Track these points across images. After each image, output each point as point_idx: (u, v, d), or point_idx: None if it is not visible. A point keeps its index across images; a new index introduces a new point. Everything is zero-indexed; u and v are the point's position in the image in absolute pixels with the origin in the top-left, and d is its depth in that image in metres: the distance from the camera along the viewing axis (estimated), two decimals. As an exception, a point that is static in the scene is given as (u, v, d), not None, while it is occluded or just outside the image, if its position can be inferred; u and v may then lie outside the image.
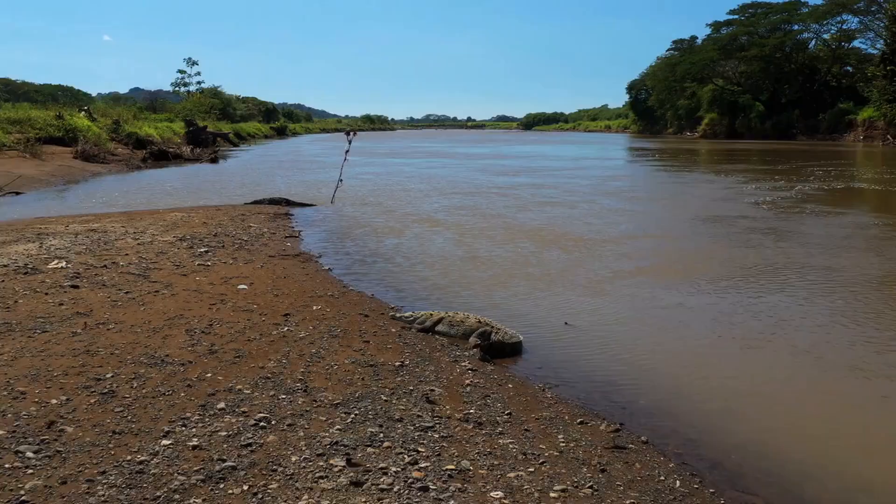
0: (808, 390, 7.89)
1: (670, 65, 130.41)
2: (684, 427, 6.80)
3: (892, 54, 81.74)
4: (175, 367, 7.33)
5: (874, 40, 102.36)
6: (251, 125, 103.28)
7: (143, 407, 6.29)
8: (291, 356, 7.89)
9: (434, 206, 23.93)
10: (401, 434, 6.02)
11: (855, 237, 17.94)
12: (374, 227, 19.25)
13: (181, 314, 9.32)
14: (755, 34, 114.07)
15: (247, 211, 20.91)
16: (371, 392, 6.95)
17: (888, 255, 15.14)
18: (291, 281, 11.96)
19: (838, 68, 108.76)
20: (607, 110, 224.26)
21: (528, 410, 6.89)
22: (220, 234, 15.97)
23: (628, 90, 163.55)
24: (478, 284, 12.67)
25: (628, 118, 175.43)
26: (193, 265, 12.55)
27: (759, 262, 14.42)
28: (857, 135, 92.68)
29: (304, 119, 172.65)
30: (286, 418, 6.20)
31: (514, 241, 17.07)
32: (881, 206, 26.24)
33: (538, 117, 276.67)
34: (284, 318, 9.50)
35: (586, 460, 5.80)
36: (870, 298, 11.76)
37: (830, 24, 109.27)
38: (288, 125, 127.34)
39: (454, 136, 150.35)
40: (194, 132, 60.75)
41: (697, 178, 38.08)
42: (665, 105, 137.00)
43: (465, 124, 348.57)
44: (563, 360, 8.75)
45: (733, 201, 26.19)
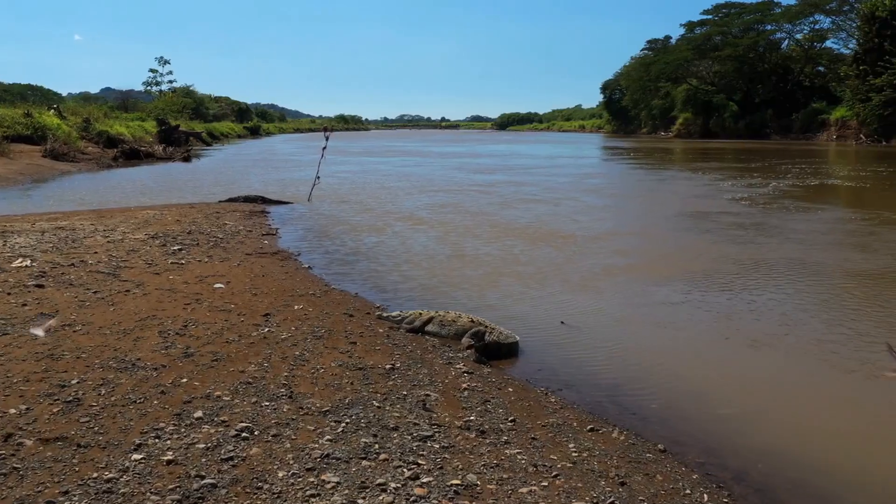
0: (826, 391, 7.43)
1: (644, 64, 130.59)
2: (701, 433, 6.31)
3: (865, 54, 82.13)
4: (147, 371, 6.73)
5: (846, 40, 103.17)
6: (224, 125, 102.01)
7: (111, 416, 5.70)
8: (273, 359, 7.32)
9: (415, 204, 23.38)
10: (398, 445, 5.47)
11: (836, 232, 17.83)
12: (354, 225, 18.67)
13: (154, 314, 8.71)
14: (729, 34, 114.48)
15: (221, 209, 20.25)
16: (362, 398, 6.40)
17: (880, 251, 14.77)
18: (270, 279, 11.37)
19: (811, 68, 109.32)
20: (581, 110, 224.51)
21: (532, 417, 6.36)
22: (195, 232, 15.33)
23: (602, 90, 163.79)
24: (466, 283, 12.14)
25: (602, 118, 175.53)
26: (166, 263, 11.92)
27: (750, 258, 14.01)
28: (830, 134, 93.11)
29: (278, 119, 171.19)
30: (270, 428, 5.63)
31: (501, 238, 16.56)
32: (856, 201, 26.22)
33: (512, 117, 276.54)
34: (265, 318, 8.92)
35: (603, 472, 5.28)
36: (875, 295, 11.37)
37: (803, 24, 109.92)
38: (261, 125, 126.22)
39: (428, 135, 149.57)
40: (166, 131, 59.67)
41: (675, 176, 37.86)
42: (639, 105, 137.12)
43: (439, 124, 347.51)
44: (562, 361, 8.25)
45: (713, 198, 26.06)
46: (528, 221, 19.51)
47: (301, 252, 14.41)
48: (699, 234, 17.52)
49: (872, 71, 79.06)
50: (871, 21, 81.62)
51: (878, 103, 78.05)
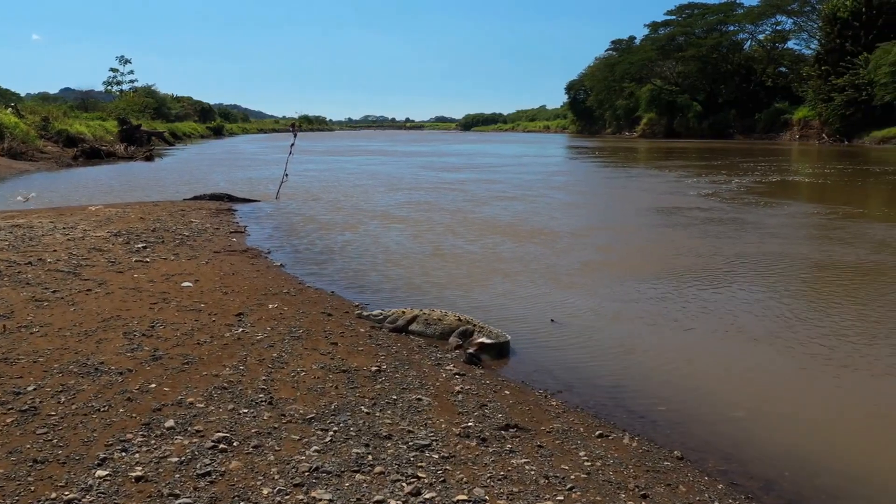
0: (839, 390, 7.01)
1: (609, 65, 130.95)
2: (716, 438, 5.85)
3: (827, 54, 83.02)
4: (111, 376, 6.14)
5: (808, 41, 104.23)
6: (187, 125, 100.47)
7: (72, 427, 5.12)
8: (249, 362, 6.76)
9: (387, 202, 22.82)
10: (393, 455, 4.95)
11: (807, 226, 18.02)
12: (326, 223, 18.07)
13: (118, 315, 8.10)
14: (692, 35, 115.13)
15: (187, 207, 19.55)
16: (348, 403, 5.86)
17: (855, 244, 14.48)
18: (241, 278, 10.78)
19: (773, 69, 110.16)
20: (545, 111, 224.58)
21: (535, 422, 5.86)
22: (159, 230, 14.67)
23: (567, 90, 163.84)
24: (448, 281, 11.64)
25: (567, 118, 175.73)
26: (130, 261, 11.29)
27: (733, 253, 13.66)
28: (793, 134, 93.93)
29: (241, 119, 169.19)
30: (251, 438, 5.08)
31: (480, 235, 16.07)
32: (821, 197, 26.42)
33: (477, 118, 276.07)
34: (237, 318, 8.35)
35: (621, 483, 4.80)
36: (870, 288, 11.05)
37: (765, 25, 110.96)
38: (224, 125, 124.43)
39: (393, 136, 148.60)
40: (128, 131, 58.40)
41: (642, 174, 37.73)
42: (604, 105, 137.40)
43: (403, 125, 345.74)
44: (557, 361, 7.76)
45: (681, 194, 26.06)
46: (504, 218, 19.07)
47: (271, 250, 13.80)
48: (676, 230, 17.22)
49: (834, 71, 79.94)
50: (833, 22, 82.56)
51: (839, 103, 78.91)
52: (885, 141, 72.36)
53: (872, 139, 74.64)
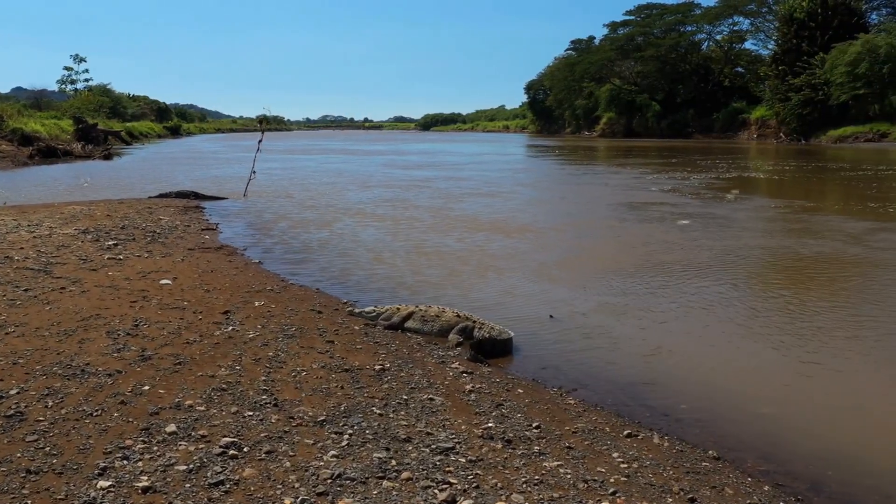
0: (862, 383, 6.77)
1: (569, 64, 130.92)
2: (748, 436, 5.57)
3: (784, 55, 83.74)
4: (100, 378, 5.71)
5: (765, 41, 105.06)
6: (143, 124, 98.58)
7: (64, 433, 4.70)
8: (245, 361, 6.36)
9: (358, 199, 22.40)
10: (417, 459, 4.60)
11: (778, 220, 18.09)
12: (299, 220, 17.61)
13: (97, 313, 7.65)
14: (651, 35, 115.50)
15: (153, 204, 18.98)
16: (358, 404, 5.50)
17: (828, 237, 14.38)
18: (220, 275, 10.35)
19: (730, 69, 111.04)
20: (505, 111, 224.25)
21: (557, 422, 5.54)
22: (129, 227, 14.13)
23: (526, 90, 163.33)
24: (436, 277, 11.32)
25: (526, 118, 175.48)
26: (103, 259, 10.79)
27: (715, 246, 13.46)
28: (750, 133, 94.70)
29: (198, 119, 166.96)
30: (261, 443, 4.70)
31: (459, 231, 15.75)
32: (784, 192, 26.61)
33: (436, 118, 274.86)
34: (224, 315, 7.94)
35: (665, 486, 4.49)
36: (860, 280, 10.92)
37: (723, 25, 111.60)
38: (182, 125, 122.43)
39: (352, 136, 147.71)
40: (84, 130, 57.07)
41: (605, 171, 37.74)
42: (563, 105, 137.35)
43: (362, 125, 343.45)
44: (563, 358, 7.46)
45: (645, 189, 26.16)
46: (483, 214, 18.77)
47: (247, 247, 13.35)
48: (653, 224, 17.09)
49: (791, 71, 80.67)
50: (790, 22, 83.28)
51: (796, 102, 79.65)
52: (841, 140, 73.20)
53: (829, 138, 75.42)
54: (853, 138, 71.42)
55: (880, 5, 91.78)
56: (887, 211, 19.52)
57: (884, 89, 70.37)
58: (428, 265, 12.13)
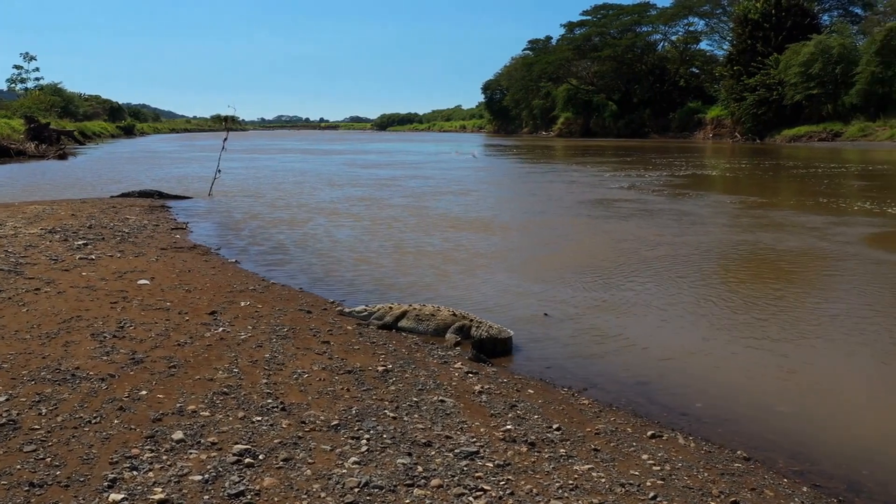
0: (882, 380, 6.67)
1: (526, 64, 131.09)
2: (773, 435, 5.41)
3: (739, 55, 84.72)
4: (93, 383, 5.39)
5: (720, 42, 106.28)
6: (96, 124, 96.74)
7: (64, 443, 4.39)
8: (242, 364, 6.07)
9: (327, 198, 22.04)
10: (443, 465, 4.36)
11: (742, 215, 17.97)
12: (271, 219, 17.25)
13: (78, 315, 7.29)
14: (607, 35, 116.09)
15: (117, 203, 18.47)
16: (369, 407, 5.25)
17: (798, 233, 14.42)
18: (198, 275, 10.01)
19: (685, 69, 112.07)
20: (461, 111, 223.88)
21: (576, 423, 5.34)
22: (96, 227, 13.69)
23: (483, 90, 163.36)
24: (422, 275, 11.11)
25: (483, 118, 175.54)
26: (74, 259, 10.39)
27: (694, 243, 13.42)
28: (706, 133, 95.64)
29: (152, 119, 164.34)
30: (276, 450, 4.43)
31: (435, 229, 15.55)
32: (746, 190, 26.91)
33: (392, 118, 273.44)
34: (211, 316, 7.63)
35: (704, 490, 4.31)
36: (849, 275, 10.89)
37: (678, 26, 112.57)
38: (136, 124, 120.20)
39: (309, 136, 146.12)
40: (36, 129, 55.73)
41: (566, 170, 37.75)
42: (520, 105, 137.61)
43: (318, 125, 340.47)
44: (567, 356, 7.27)
45: (609, 187, 26.33)
46: (455, 212, 18.60)
47: (220, 247, 13.02)
48: (623, 220, 17.08)
49: (746, 71, 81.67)
50: (745, 23, 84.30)
51: (751, 102, 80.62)
52: (795, 139, 74.25)
53: (783, 137, 76.44)
54: (807, 137, 72.47)
55: (832, 7, 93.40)
56: (839, 206, 19.99)
57: (836, 89, 71.60)
58: (414, 265, 11.89)
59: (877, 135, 64.22)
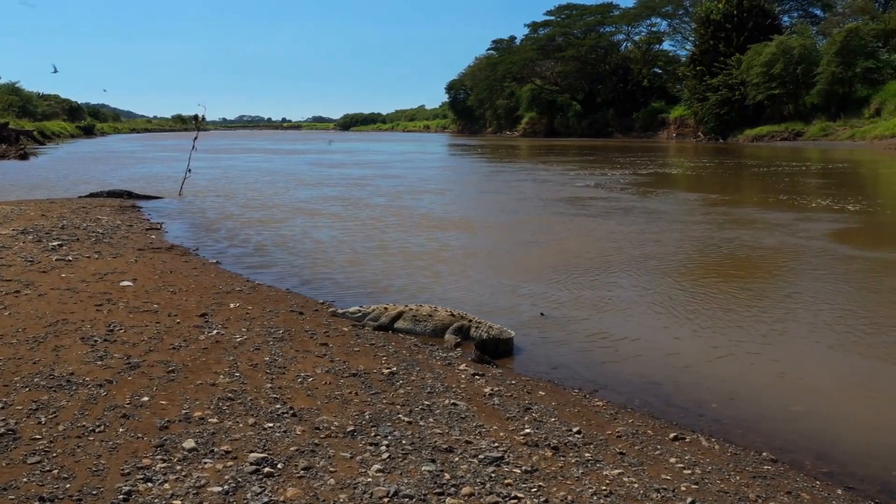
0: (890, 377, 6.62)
1: (490, 64, 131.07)
2: (793, 435, 5.32)
3: (701, 55, 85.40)
4: (90, 389, 5.15)
5: (682, 42, 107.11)
6: (56, 123, 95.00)
7: (70, 453, 4.15)
8: (242, 367, 5.86)
9: (301, 198, 21.77)
10: (469, 471, 4.19)
11: (715, 213, 17.80)
12: (247, 219, 16.95)
13: (64, 318, 7.02)
14: (571, 35, 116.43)
15: (87, 204, 18.05)
16: (382, 412, 5.07)
17: (777, 231, 14.46)
18: (181, 276, 9.76)
19: (648, 69, 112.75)
20: (425, 111, 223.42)
21: (595, 426, 5.20)
22: (69, 227, 13.33)
23: (447, 90, 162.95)
24: (412, 275, 10.96)
25: (447, 118, 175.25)
26: (51, 260, 10.06)
27: (671, 240, 13.40)
28: (669, 132, 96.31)
29: (112, 119, 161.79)
30: (294, 458, 4.23)
31: (417, 228, 15.39)
32: (707, 187, 27.14)
33: (355, 118, 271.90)
34: (202, 319, 7.40)
35: (740, 494, 4.18)
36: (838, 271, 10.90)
37: (641, 26, 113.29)
38: (96, 124, 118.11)
39: (272, 136, 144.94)
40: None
41: (534, 168, 37.78)
42: (484, 104, 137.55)
43: (280, 125, 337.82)
44: (571, 357, 7.15)
45: (578, 186, 26.51)
46: (433, 211, 18.50)
47: (199, 248, 12.74)
48: (598, 219, 17.05)
49: (709, 71, 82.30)
50: (707, 24, 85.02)
51: (714, 102, 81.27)
52: (757, 139, 74.94)
53: (746, 137, 77.13)
54: (769, 137, 73.17)
55: (791, 8, 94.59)
56: (802, 203, 20.21)
57: (797, 89, 72.32)
58: (404, 265, 11.71)
59: (837, 134, 64.96)
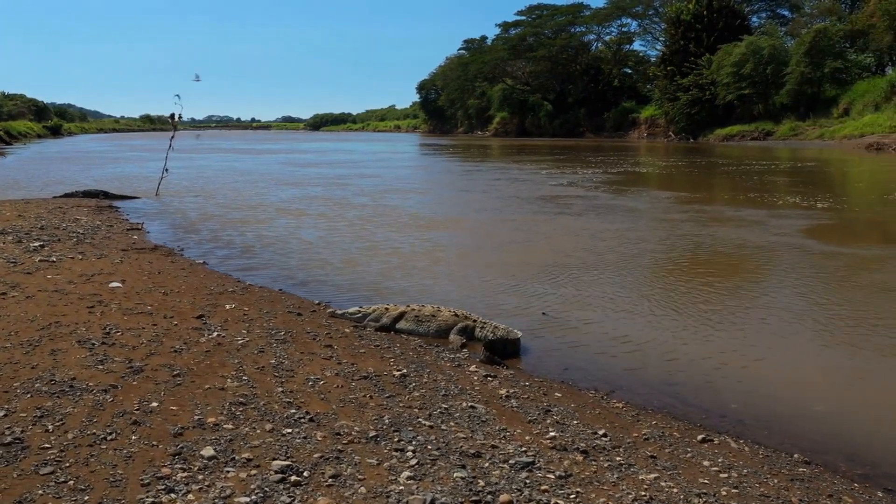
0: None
1: (462, 64, 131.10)
2: (820, 436, 5.23)
3: (672, 55, 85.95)
4: (96, 394, 4.93)
5: (653, 42, 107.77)
6: (21, 123, 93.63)
7: (83, 463, 3.94)
8: (249, 371, 5.66)
9: (281, 198, 21.50)
10: (503, 477, 4.03)
11: (692, 211, 17.85)
12: (229, 219, 16.68)
13: (56, 321, 6.77)
14: (542, 35, 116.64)
15: (63, 204, 17.66)
16: (400, 416, 4.90)
17: (762, 229, 14.46)
18: (170, 277, 9.52)
19: (619, 69, 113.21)
20: (395, 111, 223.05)
21: (620, 428, 5.07)
22: (48, 228, 13.01)
23: (418, 90, 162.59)
24: (404, 274, 10.81)
25: (418, 118, 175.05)
26: (34, 261, 9.78)
27: (653, 238, 13.34)
28: (640, 132, 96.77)
29: (79, 118, 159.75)
30: (319, 466, 4.05)
31: (402, 227, 15.23)
32: (681, 186, 27.36)
33: (326, 118, 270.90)
34: (200, 320, 7.18)
35: (781, 497, 4.06)
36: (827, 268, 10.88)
37: (612, 26, 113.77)
38: (63, 124, 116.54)
39: (242, 136, 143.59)
40: (-41, 128, 53.90)
41: (507, 168, 37.81)
42: (456, 104, 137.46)
43: (250, 125, 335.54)
44: (581, 357, 7.03)
45: (553, 185, 26.50)
46: (420, 211, 18.38)
47: (183, 248, 12.49)
48: (583, 218, 16.99)
49: (679, 71, 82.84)
50: (677, 24, 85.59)
51: (685, 102, 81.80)
52: (728, 138, 75.49)
53: (717, 137, 77.68)
54: (740, 136, 73.74)
55: (760, 9, 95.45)
56: (767, 200, 20.47)
57: (767, 89, 72.96)
58: (399, 266, 11.51)
59: (807, 134, 65.58)
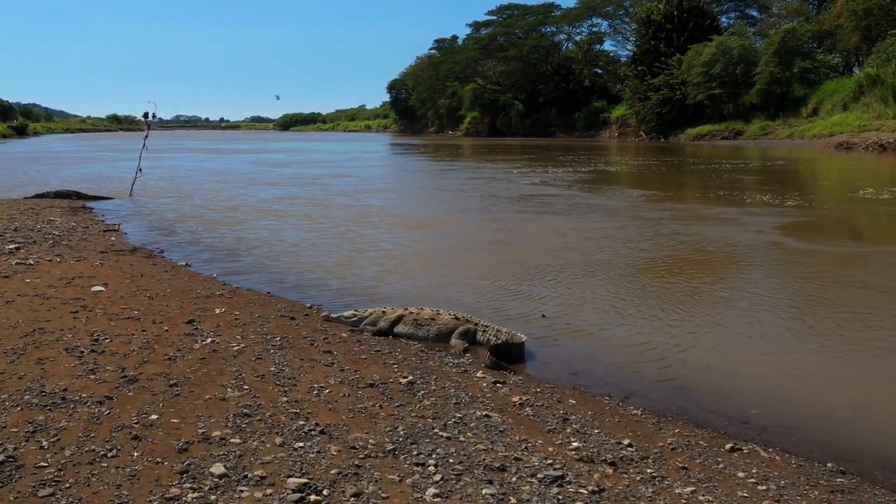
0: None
1: (433, 64, 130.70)
2: (850, 444, 5.03)
3: (643, 55, 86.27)
4: (90, 406, 4.64)
5: (623, 42, 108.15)
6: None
7: (84, 483, 3.66)
8: (248, 379, 5.39)
9: (259, 198, 21.13)
10: (535, 493, 3.80)
11: (674, 209, 17.66)
12: (208, 220, 16.30)
13: (40, 327, 6.44)
14: (513, 35, 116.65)
15: (35, 205, 17.20)
16: (415, 427, 4.65)
17: (750, 227, 14.38)
18: (153, 280, 9.21)
19: (589, 69, 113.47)
20: (365, 110, 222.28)
21: (643, 437, 4.86)
22: (22, 229, 12.61)
23: (389, 90, 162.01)
24: (395, 276, 10.57)
25: (389, 118, 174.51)
26: (11, 264, 9.42)
27: (642, 237, 13.18)
28: (612, 132, 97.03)
29: (45, 118, 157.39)
30: (338, 483, 3.79)
31: (386, 227, 15.00)
32: (654, 184, 27.42)
33: (295, 118, 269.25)
34: (191, 326, 6.89)
35: (827, 510, 3.88)
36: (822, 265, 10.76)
37: (582, 27, 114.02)
38: (28, 124, 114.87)
39: (211, 136, 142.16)
40: (-78, 128, 52.80)
41: (480, 167, 37.58)
42: (427, 104, 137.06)
43: (218, 125, 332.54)
44: (588, 361, 6.81)
45: (527, 184, 26.43)
46: (404, 211, 18.27)
47: (163, 249, 12.15)
48: (566, 217, 16.84)
49: (650, 71, 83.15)
50: (648, 24, 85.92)
51: (655, 102, 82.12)
52: (698, 138, 75.84)
53: (687, 136, 78.02)
54: (710, 136, 74.11)
55: (729, 9, 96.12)
56: (739, 198, 20.62)
57: (737, 89, 73.39)
58: (389, 268, 11.24)
59: (777, 133, 66.02)
